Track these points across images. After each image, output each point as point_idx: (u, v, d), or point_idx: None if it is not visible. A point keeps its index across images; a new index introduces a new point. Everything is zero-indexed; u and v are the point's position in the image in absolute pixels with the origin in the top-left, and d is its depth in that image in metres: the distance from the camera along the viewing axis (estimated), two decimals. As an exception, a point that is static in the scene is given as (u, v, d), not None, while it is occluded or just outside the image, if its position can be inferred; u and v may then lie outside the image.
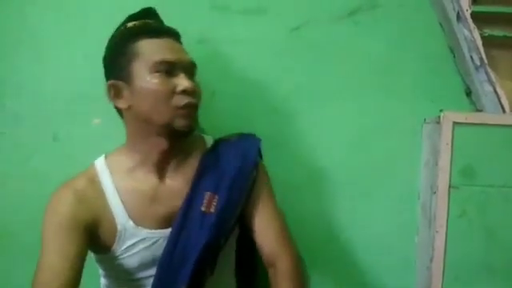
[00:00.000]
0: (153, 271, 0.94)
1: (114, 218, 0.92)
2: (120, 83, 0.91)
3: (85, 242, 0.89)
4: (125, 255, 0.94)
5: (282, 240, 0.99)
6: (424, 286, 1.19)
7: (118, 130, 1.15)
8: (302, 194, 1.20)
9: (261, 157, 1.07)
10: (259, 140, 1.05)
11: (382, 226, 1.23)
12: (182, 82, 0.90)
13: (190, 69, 0.94)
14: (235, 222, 1.00)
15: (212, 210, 0.94)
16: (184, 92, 0.90)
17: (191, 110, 0.92)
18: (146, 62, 0.89)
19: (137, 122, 0.93)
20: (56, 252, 0.85)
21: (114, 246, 0.93)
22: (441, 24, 1.21)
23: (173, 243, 0.92)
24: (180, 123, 0.90)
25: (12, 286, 1.19)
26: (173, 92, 0.89)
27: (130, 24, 0.96)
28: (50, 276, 0.82)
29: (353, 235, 1.24)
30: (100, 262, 1.00)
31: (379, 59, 1.22)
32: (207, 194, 0.95)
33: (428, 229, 1.19)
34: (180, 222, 0.93)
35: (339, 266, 1.24)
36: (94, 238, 0.92)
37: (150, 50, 0.90)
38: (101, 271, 1.02)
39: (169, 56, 0.90)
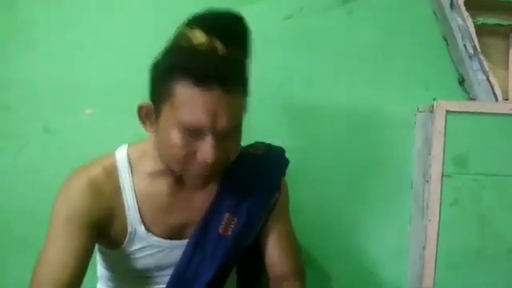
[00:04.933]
0: (156, 273, 0.93)
1: (126, 218, 0.88)
2: (151, 109, 0.80)
3: (93, 237, 0.85)
4: (131, 256, 0.91)
5: (293, 260, 0.97)
6: (417, 273, 1.20)
7: (110, 120, 1.15)
8: (293, 184, 1.20)
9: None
10: (287, 162, 0.98)
11: (375, 214, 1.24)
12: (205, 152, 0.75)
13: (225, 131, 0.76)
14: (249, 242, 0.97)
15: (229, 232, 0.90)
16: (203, 163, 0.77)
17: (205, 179, 0.83)
18: (174, 114, 0.74)
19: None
20: (61, 247, 0.81)
21: (123, 246, 0.90)
22: (434, 12, 1.21)
23: (186, 261, 0.90)
24: (191, 184, 0.85)
25: (7, 278, 1.19)
26: (192, 156, 0.77)
27: (197, 38, 0.75)
28: (53, 267, 0.80)
29: (346, 224, 1.24)
30: (103, 254, 0.97)
31: (372, 48, 1.22)
32: (226, 216, 0.90)
33: (421, 217, 1.19)
34: (196, 239, 0.90)
35: (333, 254, 1.25)
36: (103, 233, 0.88)
37: (184, 103, 0.73)
38: (101, 262, 1.00)
39: (200, 120, 0.73)
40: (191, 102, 0.73)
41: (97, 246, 0.98)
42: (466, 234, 1.16)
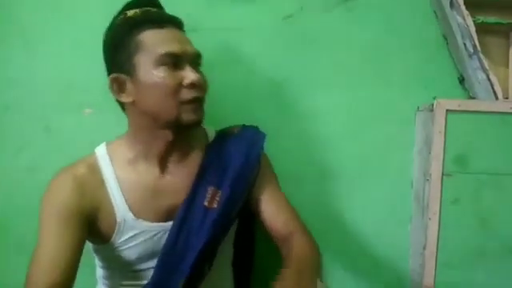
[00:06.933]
0: (152, 263, 0.94)
1: (113, 209, 0.91)
2: (123, 77, 0.88)
3: (83, 231, 0.87)
4: (124, 247, 0.93)
5: (295, 219, 0.98)
6: (417, 272, 1.20)
7: (109, 119, 1.15)
8: (293, 183, 1.20)
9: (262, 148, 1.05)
10: (264, 135, 1.03)
11: (375, 213, 1.24)
12: (189, 75, 0.87)
13: (195, 60, 0.92)
14: (236, 216, 1.00)
15: (215, 205, 0.93)
16: (191, 85, 0.87)
17: (199, 103, 0.91)
18: (151, 55, 0.86)
19: (141, 116, 0.90)
20: (53, 240, 0.84)
21: (113, 238, 0.92)
22: (434, 11, 1.20)
23: (174, 236, 0.92)
24: (189, 117, 0.88)
25: (6, 278, 1.19)
26: (179, 85, 0.87)
27: (130, 12, 0.91)
28: (46, 265, 0.81)
29: (347, 223, 1.24)
30: (98, 252, 0.99)
31: (372, 46, 1.21)
32: (210, 189, 0.94)
33: (421, 216, 1.19)
34: (182, 215, 0.92)
35: (333, 253, 1.25)
36: (93, 227, 0.90)
37: (153, 41, 0.86)
38: (98, 262, 1.01)
39: (174, 48, 0.86)
40: (160, 38, 0.87)
41: (93, 248, 0.98)
42: (467, 233, 1.16)
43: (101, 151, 0.95)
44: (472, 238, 1.16)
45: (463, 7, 1.14)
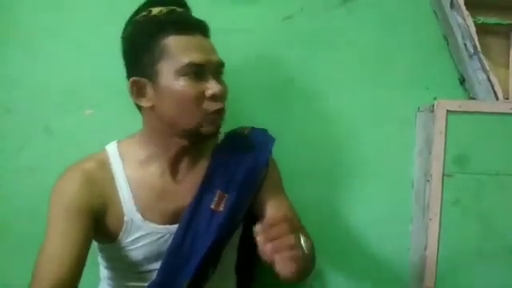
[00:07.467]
0: (157, 265, 0.93)
1: (121, 208, 0.90)
2: (143, 81, 0.86)
3: (91, 227, 0.87)
4: (130, 247, 0.92)
5: (296, 220, 0.98)
6: (418, 273, 1.20)
7: (110, 120, 1.16)
8: (294, 183, 1.20)
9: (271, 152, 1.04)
10: (273, 139, 1.02)
11: (376, 214, 1.23)
12: (212, 87, 0.86)
13: (218, 69, 0.90)
14: (241, 219, 0.99)
15: (221, 208, 0.92)
16: (213, 97, 0.86)
17: (219, 114, 0.89)
18: (174, 63, 0.84)
19: (159, 121, 0.89)
20: (60, 235, 0.83)
21: (120, 237, 0.91)
22: (435, 11, 1.20)
23: (180, 238, 0.91)
24: (207, 129, 0.88)
25: (6, 278, 1.18)
26: (202, 96, 0.86)
27: (155, 10, 0.88)
28: (52, 261, 0.81)
29: (348, 223, 1.24)
30: (103, 252, 0.98)
31: (373, 47, 1.21)
32: (218, 193, 0.93)
33: (422, 217, 1.19)
34: (188, 217, 0.92)
35: (333, 254, 1.25)
36: (100, 224, 0.90)
37: (178, 49, 0.84)
38: (102, 262, 1.01)
39: (198, 58, 0.84)
40: (185, 47, 0.84)
41: (98, 247, 0.98)
42: (468, 234, 1.16)
43: (112, 149, 0.94)
44: (473, 239, 1.16)
45: (463, 8, 1.14)
